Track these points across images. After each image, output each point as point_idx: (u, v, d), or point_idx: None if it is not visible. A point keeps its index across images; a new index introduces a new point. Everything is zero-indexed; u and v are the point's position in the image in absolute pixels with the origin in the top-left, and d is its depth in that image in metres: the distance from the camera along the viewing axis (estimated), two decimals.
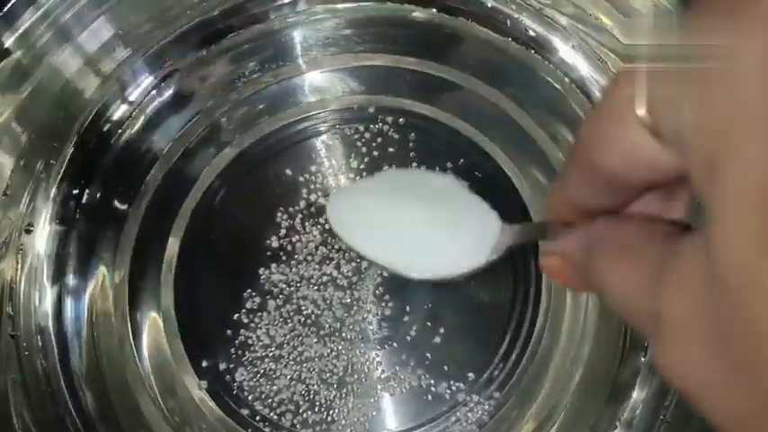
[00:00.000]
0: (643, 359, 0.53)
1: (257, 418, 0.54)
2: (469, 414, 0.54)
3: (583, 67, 0.60)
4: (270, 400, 0.54)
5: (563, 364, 0.54)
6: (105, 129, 0.60)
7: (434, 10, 0.62)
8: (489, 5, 0.62)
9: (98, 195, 0.59)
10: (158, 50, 0.60)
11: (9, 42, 0.50)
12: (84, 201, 0.58)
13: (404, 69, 0.63)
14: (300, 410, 0.54)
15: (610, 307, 0.24)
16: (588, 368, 0.54)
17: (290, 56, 0.63)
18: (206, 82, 0.62)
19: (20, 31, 0.50)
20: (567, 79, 0.60)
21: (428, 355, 0.55)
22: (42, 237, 0.57)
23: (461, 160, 0.60)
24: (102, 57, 0.58)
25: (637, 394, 0.53)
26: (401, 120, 0.61)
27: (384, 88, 0.62)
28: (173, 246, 0.58)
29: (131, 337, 0.56)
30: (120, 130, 0.60)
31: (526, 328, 0.56)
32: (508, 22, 0.62)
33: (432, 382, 0.54)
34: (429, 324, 0.55)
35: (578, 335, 0.55)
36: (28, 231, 0.56)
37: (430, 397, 0.54)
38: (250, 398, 0.54)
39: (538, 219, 0.57)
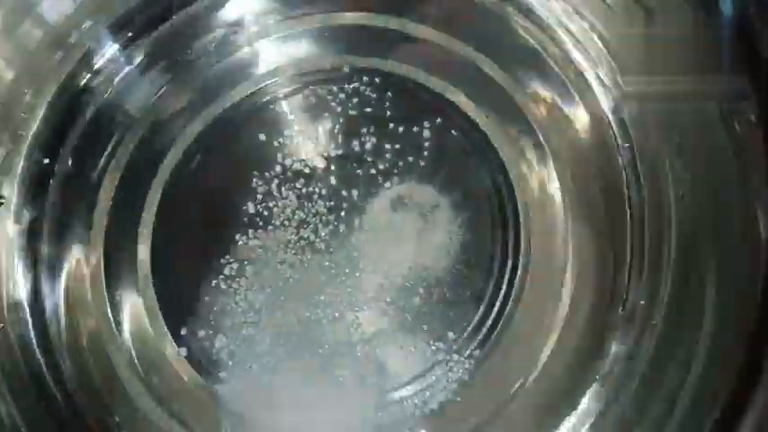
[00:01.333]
0: (621, 312, 0.53)
1: (234, 382, 0.53)
2: (450, 373, 0.53)
3: (556, 19, 0.59)
4: (249, 365, 0.54)
5: (542, 322, 0.54)
6: (73, 100, 0.59)
7: None
8: None
9: (69, 166, 0.58)
10: (121, 19, 0.59)
11: None
12: (55, 172, 0.58)
13: (376, 27, 0.61)
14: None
15: None
16: (566, 325, 0.53)
17: (259, 19, 0.62)
18: (175, 49, 0.61)
19: None
20: (540, 32, 0.59)
21: (407, 316, 0.54)
22: (13, 212, 0.56)
23: (438, 119, 0.59)
24: (64, 27, 0.57)
25: (615, 349, 0.52)
26: (377, 79, 0.60)
27: (358, 47, 0.61)
28: (148, 214, 0.57)
29: (109, 306, 0.55)
30: (87, 100, 0.59)
31: (505, 286, 0.55)
32: None
33: (411, 342, 0.54)
34: (408, 285, 0.55)
35: (556, 292, 0.54)
36: None
37: (409, 357, 0.54)
38: (230, 363, 0.54)
39: (515, 175, 0.57)
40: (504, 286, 0.55)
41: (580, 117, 0.58)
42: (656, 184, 0.53)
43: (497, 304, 0.55)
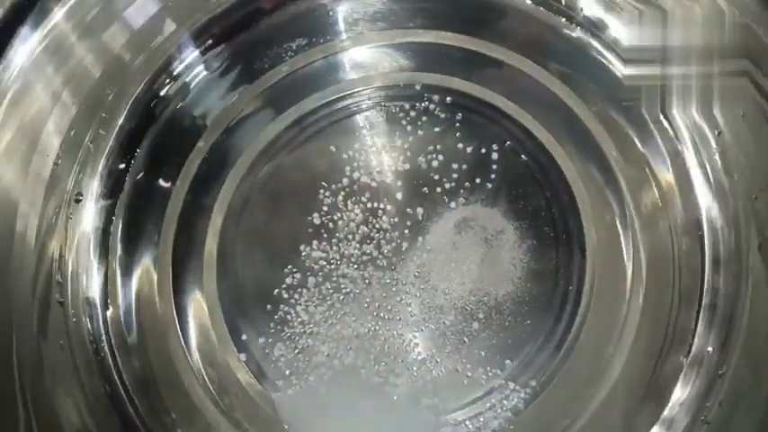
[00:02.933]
0: (684, 359, 0.52)
1: (290, 391, 0.54)
2: (505, 401, 0.53)
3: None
4: (306, 375, 0.54)
5: (602, 357, 0.54)
6: (152, 103, 0.60)
7: None
8: None
9: (144, 169, 0.60)
10: (203, 25, 0.60)
11: (58, 17, 0.50)
12: (130, 174, 0.59)
13: (452, 47, 0.61)
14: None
15: None
16: (628, 363, 0.53)
17: (336, 31, 0.62)
18: (251, 57, 0.62)
19: (68, 5, 0.50)
20: (620, 62, 0.59)
21: (465, 339, 0.54)
22: (90, 210, 0.58)
23: (507, 143, 0.59)
24: (148, 32, 0.58)
25: (678, 393, 0.52)
26: (448, 99, 0.60)
27: (432, 65, 0.61)
28: (216, 220, 0.58)
29: (174, 309, 0.57)
30: (166, 105, 0.61)
31: (566, 319, 0.55)
32: (563, 0, 0.60)
33: (468, 366, 0.54)
34: (468, 309, 0.55)
35: (619, 330, 0.54)
36: (77, 201, 0.57)
37: (465, 381, 0.54)
38: (287, 372, 0.55)
39: (585, 209, 0.56)
40: (566, 319, 0.55)
41: (659, 150, 0.58)
42: (737, 227, 0.53)
43: (557, 336, 0.54)
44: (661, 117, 0.57)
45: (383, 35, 0.62)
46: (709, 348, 0.52)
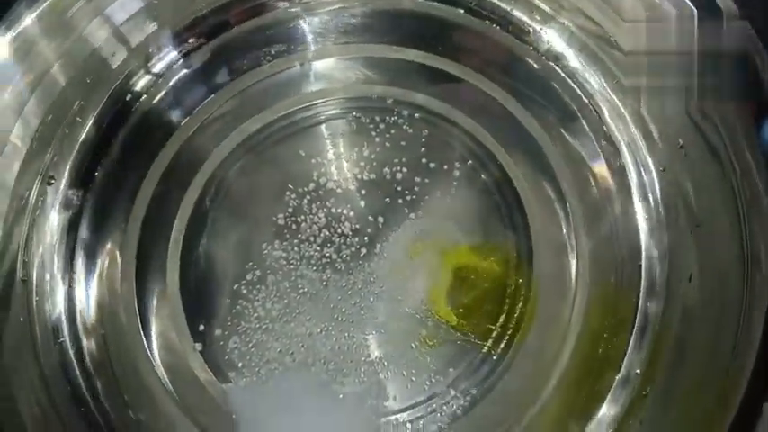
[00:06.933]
0: (617, 376, 0.55)
1: (241, 383, 0.56)
2: (444, 407, 0.56)
3: (599, 84, 0.62)
4: (258, 369, 0.56)
5: (539, 373, 0.56)
6: (128, 98, 0.62)
7: (461, 10, 0.64)
8: (515, 14, 0.63)
9: (115, 162, 0.62)
10: (185, 26, 0.63)
11: (41, 9, 0.52)
12: (102, 164, 0.61)
13: (429, 67, 0.64)
14: None
15: None
16: (563, 380, 0.55)
17: (312, 42, 0.65)
18: (231, 58, 0.64)
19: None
20: (581, 93, 0.62)
21: (413, 345, 0.57)
22: (60, 195, 0.60)
23: (469, 162, 0.61)
24: (130, 29, 0.60)
25: (604, 410, 0.54)
26: (417, 114, 0.63)
27: (405, 82, 0.64)
28: (184, 213, 0.61)
29: (135, 295, 0.59)
30: (141, 101, 0.63)
31: (509, 334, 0.57)
32: (531, 31, 0.63)
33: (413, 371, 0.56)
34: (418, 317, 0.57)
35: (557, 349, 0.57)
36: (50, 183, 0.59)
37: (409, 385, 0.56)
38: (240, 364, 0.57)
39: (536, 230, 0.59)
40: (508, 334, 0.57)
41: (608, 184, 0.61)
42: (672, 261, 0.56)
43: (499, 350, 0.57)
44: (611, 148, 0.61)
45: (364, 49, 0.65)
46: (637, 370, 0.55)
